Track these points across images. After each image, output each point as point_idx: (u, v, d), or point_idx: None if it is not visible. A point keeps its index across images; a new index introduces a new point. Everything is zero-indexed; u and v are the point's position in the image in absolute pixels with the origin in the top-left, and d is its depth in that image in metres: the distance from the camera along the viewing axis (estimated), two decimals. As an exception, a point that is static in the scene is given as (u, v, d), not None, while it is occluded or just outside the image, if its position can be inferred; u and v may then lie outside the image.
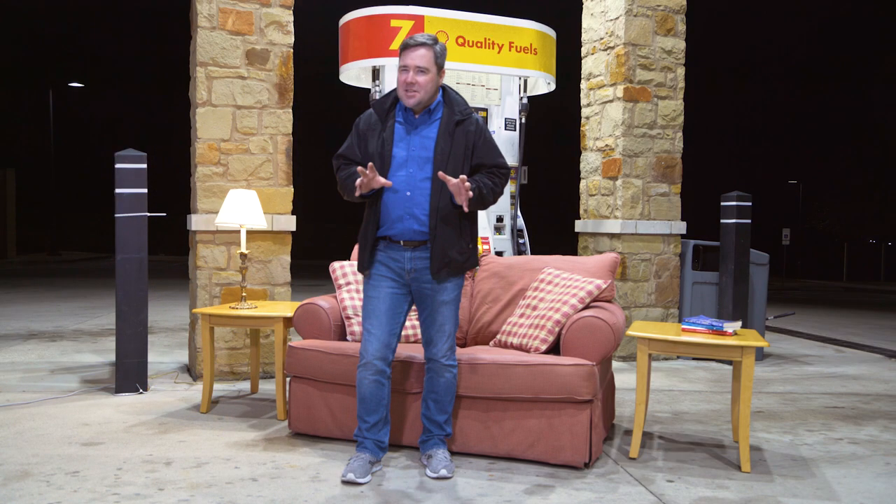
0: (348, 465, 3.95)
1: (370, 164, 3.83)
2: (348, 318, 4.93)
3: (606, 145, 7.92)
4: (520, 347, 4.63)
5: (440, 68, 4.01)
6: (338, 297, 5.04)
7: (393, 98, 4.08)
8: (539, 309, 4.72)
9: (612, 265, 5.06)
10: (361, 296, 4.97)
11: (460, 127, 3.99)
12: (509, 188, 7.34)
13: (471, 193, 3.84)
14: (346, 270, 5.14)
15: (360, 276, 5.07)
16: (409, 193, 3.96)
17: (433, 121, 4.02)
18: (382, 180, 3.87)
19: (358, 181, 3.87)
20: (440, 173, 3.82)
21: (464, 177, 3.79)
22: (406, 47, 3.95)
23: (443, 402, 4.21)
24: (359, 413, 4.15)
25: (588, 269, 5.03)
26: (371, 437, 4.12)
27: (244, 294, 5.59)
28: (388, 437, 4.19)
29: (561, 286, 4.78)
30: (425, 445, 4.23)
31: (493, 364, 4.34)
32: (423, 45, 3.93)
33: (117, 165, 5.78)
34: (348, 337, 4.88)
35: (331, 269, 5.21)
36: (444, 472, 4.01)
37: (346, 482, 3.88)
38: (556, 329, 4.52)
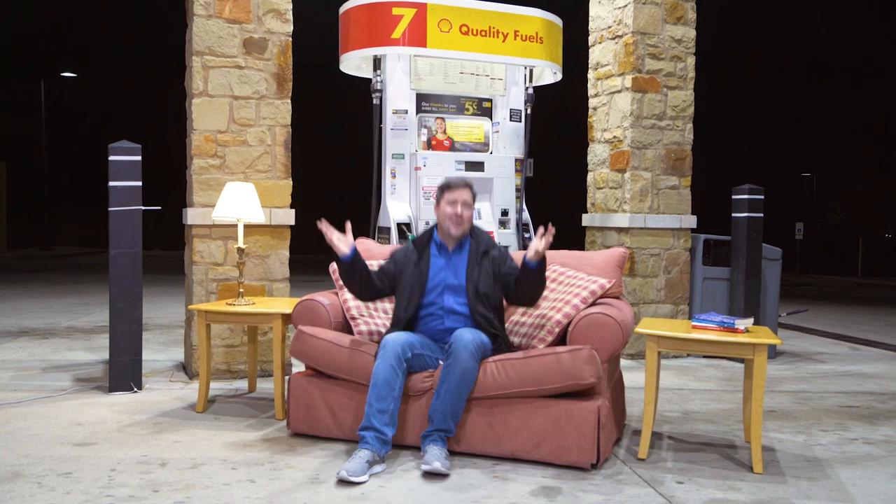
0: (344, 464, 3.98)
1: (322, 219, 4.45)
2: (353, 318, 4.93)
3: (614, 137, 7.91)
4: (520, 347, 4.65)
5: (474, 204, 4.77)
6: (340, 298, 5.03)
7: (429, 235, 4.81)
8: (541, 307, 4.75)
9: (620, 260, 5.06)
10: None
11: (486, 256, 4.67)
12: (514, 181, 7.35)
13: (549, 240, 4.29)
14: None
15: None
16: (443, 320, 4.63)
17: (463, 252, 4.71)
18: (338, 234, 4.45)
19: (323, 227, 4.44)
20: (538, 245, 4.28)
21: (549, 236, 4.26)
22: (450, 187, 4.67)
23: (452, 395, 4.24)
24: (368, 398, 4.23)
25: (595, 264, 5.03)
26: (376, 423, 4.14)
27: (241, 290, 5.59)
28: (392, 433, 4.22)
29: (565, 284, 4.80)
30: (425, 441, 4.26)
31: (491, 361, 4.37)
32: (466, 186, 4.69)
33: (111, 158, 5.78)
34: (356, 336, 4.86)
35: (331, 270, 5.19)
36: (437, 464, 4.02)
37: (341, 481, 3.89)
38: (557, 329, 4.55)
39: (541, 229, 4.31)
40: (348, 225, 4.54)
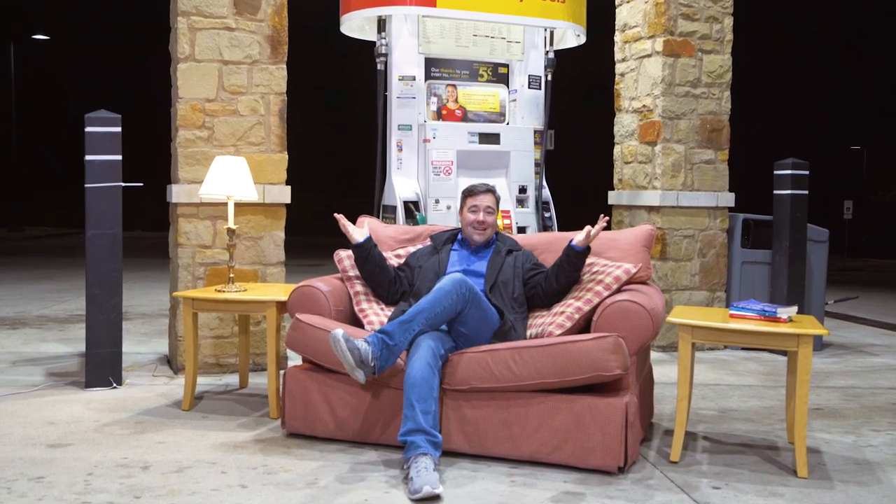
0: (414, 482, 3.81)
1: (338, 214, 5.00)
2: (363, 311, 4.92)
3: (644, 106, 7.87)
4: (538, 336, 4.63)
5: (498, 209, 5.13)
6: (350, 291, 5.02)
7: (451, 234, 5.19)
8: (559, 294, 4.82)
9: (647, 240, 5.04)
10: None
11: (510, 255, 4.98)
12: (533, 154, 7.32)
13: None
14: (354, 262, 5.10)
15: None
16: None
17: (488, 249, 5.05)
18: (353, 226, 4.99)
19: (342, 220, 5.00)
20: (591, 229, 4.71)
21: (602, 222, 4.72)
22: (473, 193, 5.05)
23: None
24: (407, 399, 4.14)
25: (619, 245, 5.02)
26: (425, 425, 4.06)
27: (232, 275, 5.59)
28: (440, 437, 4.14)
29: (586, 270, 4.79)
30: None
31: (507, 349, 4.36)
32: (489, 191, 5.06)
33: (88, 129, 5.78)
34: (367, 327, 4.86)
35: (336, 259, 5.16)
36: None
37: (426, 498, 3.75)
38: (576, 315, 4.55)
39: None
40: (361, 218, 5.13)
